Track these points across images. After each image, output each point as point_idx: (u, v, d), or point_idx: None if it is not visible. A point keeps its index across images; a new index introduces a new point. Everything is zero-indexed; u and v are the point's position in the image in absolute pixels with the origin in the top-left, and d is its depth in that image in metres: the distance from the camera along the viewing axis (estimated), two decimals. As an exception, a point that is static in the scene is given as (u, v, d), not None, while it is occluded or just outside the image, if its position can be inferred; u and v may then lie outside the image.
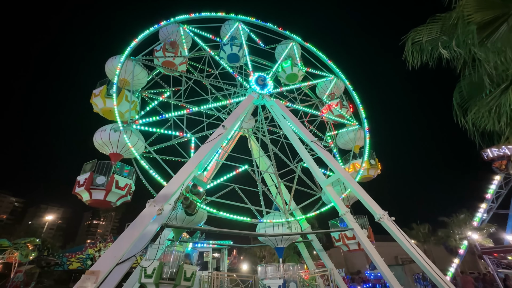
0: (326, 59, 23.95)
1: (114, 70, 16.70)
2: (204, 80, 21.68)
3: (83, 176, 13.76)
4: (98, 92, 15.85)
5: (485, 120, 6.92)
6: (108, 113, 15.94)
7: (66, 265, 28.32)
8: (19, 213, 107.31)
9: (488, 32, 6.20)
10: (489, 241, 30.25)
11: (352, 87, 23.91)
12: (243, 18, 22.23)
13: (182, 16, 20.02)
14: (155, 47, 19.23)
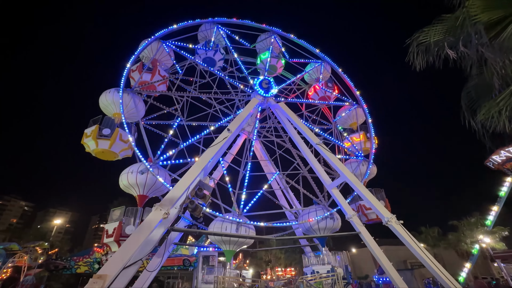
0: (309, 46, 23.65)
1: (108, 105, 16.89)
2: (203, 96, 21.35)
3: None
4: (90, 133, 15.48)
5: (495, 121, 6.76)
6: (101, 155, 15.82)
7: (74, 268, 28.58)
8: (29, 217, 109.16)
9: (496, 32, 6.10)
10: (502, 245, 29.37)
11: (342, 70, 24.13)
12: (219, 19, 21.68)
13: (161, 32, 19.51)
14: (132, 66, 18.40)
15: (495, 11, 6.03)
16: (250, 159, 19.66)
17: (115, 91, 16.73)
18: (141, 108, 17.92)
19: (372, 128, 22.43)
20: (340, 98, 24.24)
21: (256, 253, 45.39)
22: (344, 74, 24.10)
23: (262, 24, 22.85)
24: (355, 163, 21.23)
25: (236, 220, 16.43)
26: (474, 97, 8.07)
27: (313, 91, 24.29)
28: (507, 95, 6.47)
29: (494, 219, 30.49)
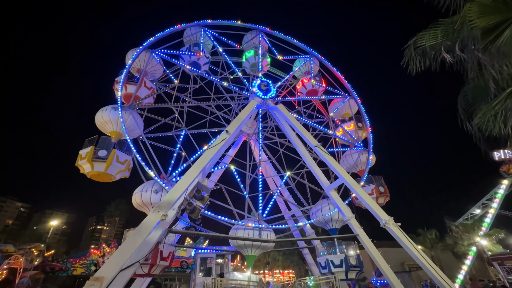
0: (296, 41, 23.72)
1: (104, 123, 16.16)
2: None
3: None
4: (85, 154, 14.76)
5: (491, 124, 6.84)
6: (96, 177, 15.28)
7: (70, 270, 28.29)
8: (25, 219, 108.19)
9: (492, 37, 6.17)
10: (498, 247, 29.53)
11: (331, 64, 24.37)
12: (204, 22, 21.32)
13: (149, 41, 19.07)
14: (117, 78, 17.98)
15: (492, 16, 6.11)
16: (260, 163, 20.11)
17: (112, 109, 16.04)
18: (140, 123, 17.40)
19: (366, 116, 23.02)
20: (329, 90, 24.59)
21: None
22: (333, 67, 24.30)
23: (248, 23, 22.75)
24: (356, 154, 21.60)
25: (258, 226, 16.99)
26: (470, 101, 8.15)
27: (301, 85, 24.37)
28: (502, 99, 6.56)
29: (491, 222, 30.69)
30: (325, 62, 24.46)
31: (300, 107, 25.07)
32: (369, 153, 21.48)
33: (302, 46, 23.88)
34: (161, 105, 18.88)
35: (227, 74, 23.75)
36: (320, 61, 24.63)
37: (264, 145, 25.01)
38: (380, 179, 20.40)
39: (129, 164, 15.51)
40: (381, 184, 20.15)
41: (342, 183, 17.02)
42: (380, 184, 20.11)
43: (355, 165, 21.74)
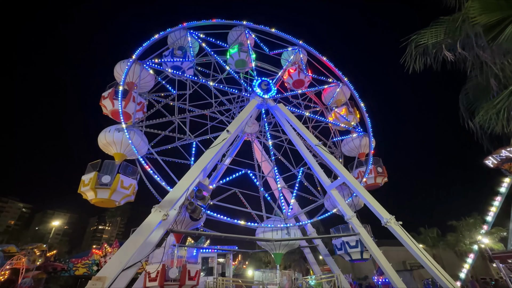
0: (282, 33, 23.32)
1: (107, 145, 15.66)
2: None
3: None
4: (87, 181, 14.27)
5: (493, 122, 6.80)
6: (100, 204, 14.90)
7: (72, 270, 28.41)
8: (27, 219, 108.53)
9: (494, 34, 6.14)
10: (500, 245, 29.46)
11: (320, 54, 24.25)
12: (189, 24, 20.52)
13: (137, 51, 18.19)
14: (104, 93, 17.35)
15: (493, 13, 6.08)
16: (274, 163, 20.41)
17: (115, 130, 15.45)
18: (145, 141, 16.81)
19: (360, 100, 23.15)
20: (321, 80, 24.58)
21: (255, 254, 45.31)
22: (322, 56, 24.13)
23: (232, 20, 22.04)
24: (356, 139, 21.80)
25: (286, 226, 17.38)
26: (472, 99, 8.12)
27: (288, 75, 24.25)
28: (505, 96, 6.52)
29: (493, 220, 30.59)
30: (313, 51, 24.23)
31: (299, 100, 25.04)
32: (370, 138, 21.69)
33: (288, 38, 23.60)
34: (165, 119, 18.06)
35: (220, 76, 23.11)
36: (308, 51, 24.39)
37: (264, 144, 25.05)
38: (379, 161, 21.17)
39: (134, 189, 14.88)
40: (380, 165, 20.94)
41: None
42: (378, 165, 20.87)
43: (355, 148, 22.12)
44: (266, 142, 23.87)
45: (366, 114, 22.77)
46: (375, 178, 20.53)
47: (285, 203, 19.12)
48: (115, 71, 18.54)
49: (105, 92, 16.98)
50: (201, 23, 20.84)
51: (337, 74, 24.25)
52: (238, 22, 22.22)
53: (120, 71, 18.06)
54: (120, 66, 18.42)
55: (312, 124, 24.18)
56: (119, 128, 15.47)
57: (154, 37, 18.82)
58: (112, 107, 16.35)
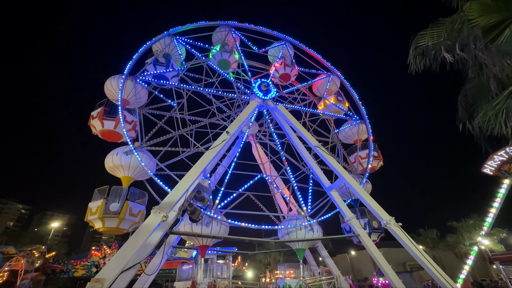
0: (267, 30, 23.32)
1: (115, 168, 15.36)
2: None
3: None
4: (95, 209, 13.87)
5: (492, 124, 6.81)
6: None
7: (71, 272, 28.32)
8: (26, 220, 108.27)
9: (493, 35, 6.17)
10: (500, 246, 29.43)
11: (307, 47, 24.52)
12: (174, 30, 20.05)
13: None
14: (92, 112, 16.54)
15: (492, 15, 6.11)
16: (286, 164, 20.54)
17: (123, 154, 15.13)
18: (153, 159, 16.57)
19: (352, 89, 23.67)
20: (311, 73, 24.78)
21: (255, 256, 45.19)
22: (309, 49, 24.28)
23: (217, 21, 21.95)
24: (353, 127, 22.45)
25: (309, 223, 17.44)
26: (471, 100, 8.13)
27: (273, 69, 24.26)
28: (503, 98, 6.54)
29: (493, 221, 30.56)
30: (299, 45, 24.33)
31: (295, 95, 25.13)
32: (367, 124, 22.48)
33: (274, 34, 23.65)
34: (169, 135, 17.63)
35: (213, 79, 22.65)
36: (295, 45, 24.43)
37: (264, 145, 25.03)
38: (374, 146, 21.91)
39: (142, 215, 14.54)
40: (375, 149, 21.71)
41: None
42: (374, 149, 21.64)
43: (352, 134, 23.08)
44: (270, 143, 23.87)
45: (360, 102, 23.32)
46: (336, 104, 22.46)
47: (304, 200, 18.90)
48: (106, 88, 17.27)
49: (94, 111, 15.82)
50: (186, 28, 20.34)
51: (326, 65, 24.50)
52: (223, 22, 22.05)
53: (111, 87, 17.01)
54: (110, 83, 17.08)
55: (308, 118, 24.31)
56: (127, 151, 14.99)
57: (140, 50, 18.32)
58: (101, 127, 15.22)
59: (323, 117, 24.41)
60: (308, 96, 26.46)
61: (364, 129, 22.80)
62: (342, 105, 23.60)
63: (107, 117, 14.98)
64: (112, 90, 16.78)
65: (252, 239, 17.38)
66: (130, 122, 16.47)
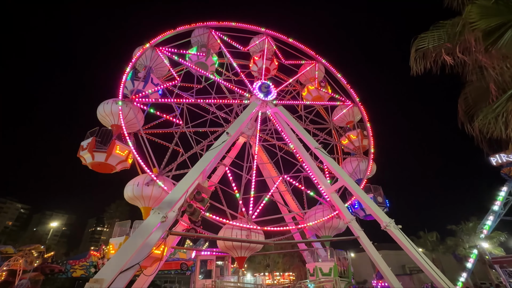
0: (246, 25, 23.00)
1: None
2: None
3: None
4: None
5: (492, 126, 6.82)
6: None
7: (70, 272, 28.22)
8: (25, 220, 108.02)
9: (493, 38, 6.18)
10: (500, 250, 29.39)
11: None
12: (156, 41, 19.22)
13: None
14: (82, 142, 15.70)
15: (492, 18, 6.13)
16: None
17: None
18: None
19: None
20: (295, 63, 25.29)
21: (254, 258, 45.10)
22: (288, 38, 24.26)
23: (197, 23, 21.24)
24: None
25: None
26: (471, 103, 8.14)
27: (253, 63, 24.65)
28: (503, 101, 6.55)
29: (492, 224, 30.54)
30: (279, 36, 24.13)
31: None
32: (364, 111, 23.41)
33: (253, 28, 23.49)
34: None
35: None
36: (275, 37, 24.32)
37: (263, 147, 25.11)
38: (365, 125, 23.28)
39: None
40: (366, 129, 23.05)
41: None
42: (365, 129, 23.04)
43: (344, 117, 24.23)
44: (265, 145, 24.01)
45: (348, 85, 23.94)
46: (361, 140, 22.65)
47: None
48: (98, 114, 16.44)
49: (84, 142, 15.17)
50: (166, 36, 19.55)
51: (309, 53, 24.61)
52: (200, 24, 21.45)
53: (103, 112, 16.14)
54: (103, 108, 16.16)
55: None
56: (149, 182, 14.96)
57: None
58: (91, 160, 14.51)
59: (317, 107, 25.08)
60: (296, 88, 26.77)
61: (356, 111, 23.78)
62: (367, 141, 23.08)
63: (98, 149, 14.46)
64: (105, 116, 16.15)
65: (251, 241, 17.30)
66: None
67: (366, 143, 22.71)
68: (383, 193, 20.24)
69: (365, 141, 22.73)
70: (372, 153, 22.14)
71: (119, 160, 15.18)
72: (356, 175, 21.62)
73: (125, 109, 15.91)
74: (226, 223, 16.57)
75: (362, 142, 22.78)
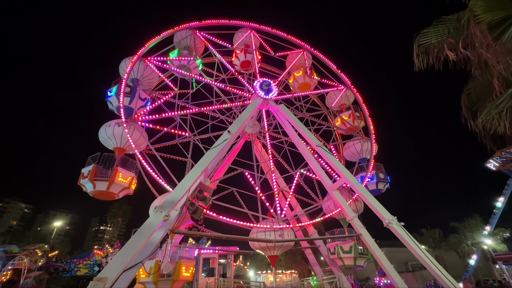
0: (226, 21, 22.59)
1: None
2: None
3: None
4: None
5: (495, 122, 6.73)
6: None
7: (74, 271, 28.47)
8: (29, 220, 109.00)
9: (498, 32, 6.08)
10: (503, 246, 29.27)
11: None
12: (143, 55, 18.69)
13: None
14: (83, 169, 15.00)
15: (497, 12, 6.02)
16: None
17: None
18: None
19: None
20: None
21: (257, 255, 45.25)
22: (271, 28, 24.11)
23: (180, 26, 20.81)
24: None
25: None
26: (474, 99, 8.06)
27: (235, 57, 24.63)
28: (507, 96, 6.46)
29: (495, 221, 30.38)
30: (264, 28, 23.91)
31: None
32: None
33: (236, 23, 23.31)
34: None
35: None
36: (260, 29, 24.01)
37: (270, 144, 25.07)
38: (357, 108, 23.84)
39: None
40: (357, 110, 23.74)
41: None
42: (356, 110, 23.69)
43: (338, 101, 24.61)
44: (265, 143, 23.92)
45: (338, 70, 24.41)
46: (353, 121, 23.06)
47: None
48: (100, 137, 15.93)
49: (85, 169, 14.42)
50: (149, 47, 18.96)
51: (296, 42, 24.51)
52: (183, 26, 21.01)
53: (105, 135, 15.62)
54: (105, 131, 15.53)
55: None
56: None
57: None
58: (93, 189, 13.98)
59: (311, 96, 25.39)
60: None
61: (349, 94, 24.37)
62: (360, 121, 23.56)
63: (99, 178, 13.95)
64: (108, 140, 15.87)
65: (253, 239, 17.34)
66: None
67: (358, 123, 23.20)
68: (384, 170, 21.36)
69: (357, 122, 23.19)
70: (373, 132, 22.62)
71: (122, 188, 14.48)
72: (359, 156, 22.23)
73: (130, 130, 15.37)
74: (256, 227, 17.13)
75: (354, 123, 23.21)
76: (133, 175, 15.03)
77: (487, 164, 29.96)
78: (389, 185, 20.90)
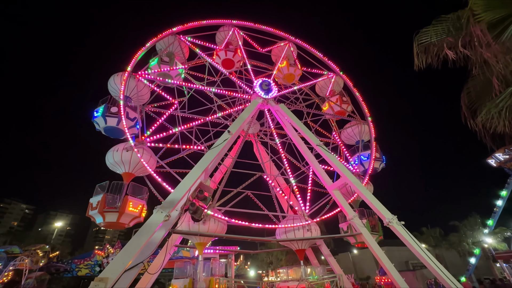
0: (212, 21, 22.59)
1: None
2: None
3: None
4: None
5: (495, 121, 6.75)
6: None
7: (75, 271, 28.56)
8: (29, 220, 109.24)
9: (497, 31, 6.09)
10: (503, 245, 29.25)
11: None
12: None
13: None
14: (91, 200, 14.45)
15: (497, 10, 6.03)
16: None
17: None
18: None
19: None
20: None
21: (257, 255, 45.30)
22: (253, 23, 23.94)
23: (166, 31, 20.45)
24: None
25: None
26: (474, 97, 8.07)
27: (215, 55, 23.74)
28: (506, 95, 6.47)
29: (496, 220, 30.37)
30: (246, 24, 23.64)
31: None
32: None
33: (219, 22, 23.06)
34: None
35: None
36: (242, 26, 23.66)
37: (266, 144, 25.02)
38: (344, 94, 24.48)
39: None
40: (345, 95, 24.37)
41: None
42: (344, 95, 24.33)
43: (327, 87, 24.96)
44: (270, 142, 23.86)
45: (325, 57, 24.66)
46: (341, 105, 23.66)
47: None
48: (108, 163, 15.42)
49: (93, 199, 13.85)
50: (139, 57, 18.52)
51: (280, 34, 24.48)
52: (167, 32, 20.44)
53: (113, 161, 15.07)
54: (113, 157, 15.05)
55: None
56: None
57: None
58: (103, 221, 13.59)
59: (304, 88, 25.60)
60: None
61: (338, 80, 24.76)
62: (347, 106, 23.79)
63: (109, 209, 13.50)
64: (116, 165, 15.45)
65: (254, 238, 17.35)
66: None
67: (346, 107, 23.61)
68: (379, 149, 21.97)
69: (344, 106, 23.62)
70: (368, 115, 23.02)
71: (132, 217, 14.04)
72: (356, 138, 22.75)
73: (140, 153, 14.97)
74: (284, 227, 17.26)
75: (342, 106, 23.61)
76: (143, 203, 14.54)
77: (489, 160, 30.05)
78: (384, 164, 21.34)
